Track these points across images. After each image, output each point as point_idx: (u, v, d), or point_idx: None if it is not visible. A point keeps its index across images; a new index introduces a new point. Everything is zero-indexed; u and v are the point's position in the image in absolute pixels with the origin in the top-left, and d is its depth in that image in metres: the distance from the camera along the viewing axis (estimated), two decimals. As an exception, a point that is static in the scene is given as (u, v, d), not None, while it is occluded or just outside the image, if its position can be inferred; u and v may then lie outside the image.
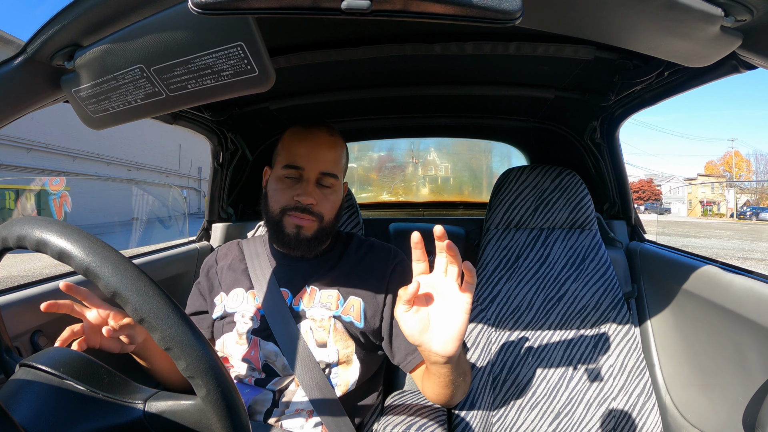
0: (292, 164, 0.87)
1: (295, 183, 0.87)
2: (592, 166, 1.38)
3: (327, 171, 0.88)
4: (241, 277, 0.92)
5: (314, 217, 0.86)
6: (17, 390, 0.43)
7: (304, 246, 0.87)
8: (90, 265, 0.39)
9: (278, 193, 0.87)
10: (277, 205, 0.87)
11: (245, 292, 0.90)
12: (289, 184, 0.87)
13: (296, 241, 0.86)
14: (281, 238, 0.87)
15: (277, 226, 0.87)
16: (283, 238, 0.87)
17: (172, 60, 0.53)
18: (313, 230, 0.86)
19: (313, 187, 0.86)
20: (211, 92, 0.56)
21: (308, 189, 0.86)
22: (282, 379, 0.83)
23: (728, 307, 0.87)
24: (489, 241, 1.19)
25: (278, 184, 0.88)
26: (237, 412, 0.41)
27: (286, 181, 0.88)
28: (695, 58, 0.58)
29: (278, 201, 0.87)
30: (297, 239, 0.86)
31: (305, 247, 0.87)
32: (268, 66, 0.52)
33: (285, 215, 0.86)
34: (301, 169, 0.86)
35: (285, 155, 0.89)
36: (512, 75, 1.13)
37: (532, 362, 1.07)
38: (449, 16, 0.42)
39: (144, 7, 0.51)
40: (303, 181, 0.87)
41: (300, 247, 0.87)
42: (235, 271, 0.93)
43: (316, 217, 0.86)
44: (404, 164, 2.40)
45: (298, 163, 0.86)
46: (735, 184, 37.80)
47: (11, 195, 8.93)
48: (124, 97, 0.59)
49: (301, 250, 0.88)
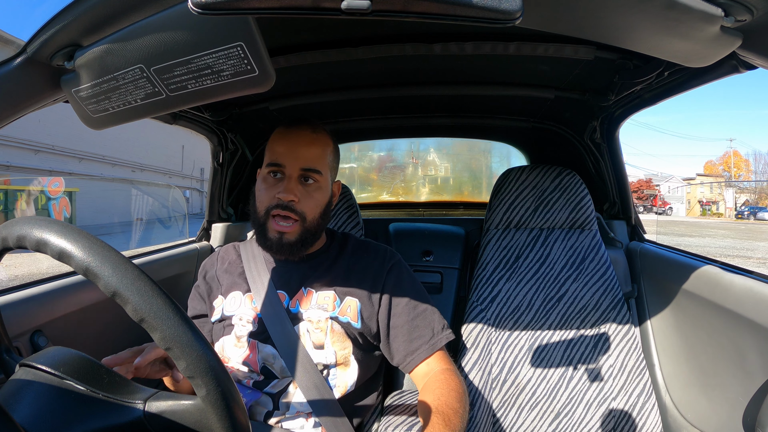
0: (273, 162, 0.86)
1: (277, 182, 0.86)
2: (592, 166, 1.38)
3: (308, 167, 0.86)
4: (239, 280, 0.92)
5: (296, 217, 0.84)
6: (17, 390, 0.43)
7: (287, 250, 0.86)
8: (90, 265, 0.39)
9: (262, 193, 0.86)
10: (262, 206, 0.86)
11: (243, 295, 0.90)
12: (272, 183, 0.86)
13: (278, 245, 0.85)
14: (265, 243, 0.87)
15: (262, 229, 0.86)
16: (266, 242, 0.86)
17: (172, 60, 0.53)
18: (296, 234, 0.85)
19: (294, 183, 0.85)
20: (211, 92, 0.56)
21: (289, 186, 0.84)
22: (280, 381, 0.83)
23: (728, 307, 0.87)
24: (489, 241, 1.19)
25: (262, 184, 0.88)
26: (237, 412, 0.41)
27: (269, 180, 0.87)
28: (695, 58, 0.58)
29: (262, 201, 0.86)
30: (279, 244, 0.85)
31: (288, 252, 0.86)
32: (268, 66, 0.52)
33: (269, 218, 0.85)
34: (282, 167, 0.85)
35: (268, 155, 0.88)
36: (512, 75, 1.13)
37: (532, 362, 1.07)
38: (449, 16, 0.42)
39: (144, 7, 0.51)
40: (285, 179, 0.86)
41: (283, 251, 0.86)
42: (233, 274, 0.93)
43: (298, 216, 0.84)
44: (404, 164, 2.40)
45: (279, 161, 0.86)
46: (733, 184, 37.85)
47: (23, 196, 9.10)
48: (124, 97, 0.59)
49: (285, 254, 0.87)
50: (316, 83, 1.17)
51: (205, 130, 1.29)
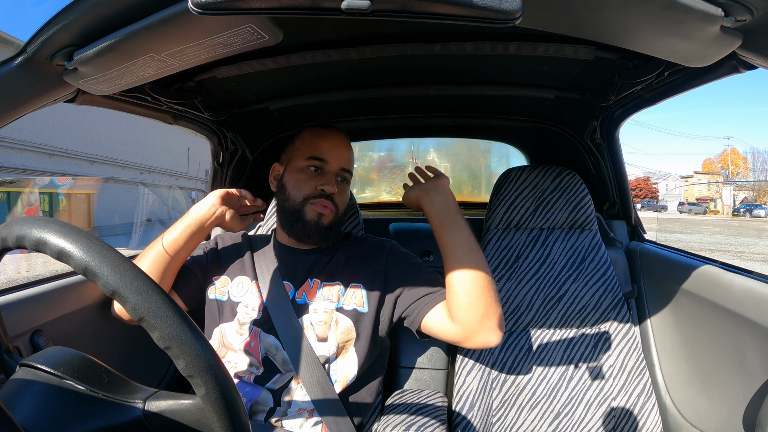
0: (316, 156, 0.91)
1: (317, 175, 0.91)
2: (592, 166, 1.38)
3: (346, 167, 0.94)
4: (248, 266, 0.93)
5: (334, 208, 0.90)
6: (17, 390, 0.43)
7: (321, 233, 0.90)
8: (89, 265, 0.39)
9: (301, 183, 0.90)
10: (300, 194, 0.90)
11: (251, 281, 0.91)
12: (312, 175, 0.91)
13: (315, 228, 0.89)
14: (300, 226, 0.89)
15: (298, 215, 0.89)
16: (302, 225, 0.89)
17: (183, 45, 0.56)
18: (330, 219, 0.90)
19: (333, 178, 0.91)
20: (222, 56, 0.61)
21: (331, 180, 0.90)
22: (282, 376, 0.83)
23: (728, 307, 0.87)
24: (489, 241, 1.19)
25: (300, 174, 0.91)
26: (236, 411, 0.41)
27: (309, 172, 0.91)
28: (695, 58, 0.58)
29: (301, 190, 0.90)
30: (317, 227, 0.89)
31: (322, 235, 0.90)
32: (275, 30, 0.55)
33: (307, 204, 0.89)
34: (324, 162, 0.91)
35: (307, 149, 0.92)
36: (512, 75, 1.13)
37: (532, 362, 1.07)
38: (449, 15, 0.42)
39: (144, 6, 0.51)
40: (325, 173, 0.91)
41: (318, 234, 0.90)
42: (243, 260, 0.95)
43: (334, 206, 0.90)
44: (404, 164, 2.40)
45: (323, 156, 0.91)
46: (731, 181, 37.92)
47: (45, 198, 9.45)
48: (136, 74, 0.62)
49: (318, 237, 0.90)
50: (316, 83, 1.17)
51: (205, 130, 1.29)
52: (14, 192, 8.86)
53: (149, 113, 1.04)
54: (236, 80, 1.04)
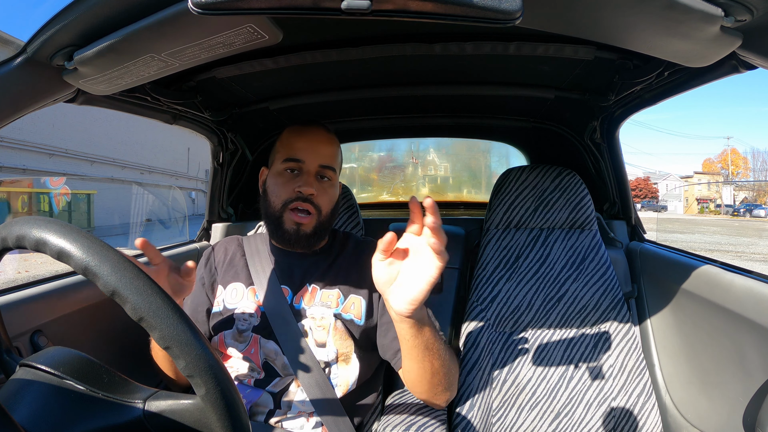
0: (292, 158, 0.88)
1: (295, 176, 0.88)
2: (592, 166, 1.38)
3: (326, 164, 0.89)
4: (241, 272, 0.92)
5: (314, 210, 0.87)
6: (17, 390, 0.43)
7: (303, 242, 0.88)
8: (89, 265, 0.39)
9: (279, 187, 0.88)
10: (279, 199, 0.87)
11: (245, 288, 0.90)
12: (290, 178, 0.88)
13: (296, 237, 0.87)
14: (281, 234, 0.88)
15: (278, 222, 0.88)
16: (282, 234, 0.87)
17: (182, 45, 0.56)
18: (311, 226, 0.87)
19: (313, 178, 0.88)
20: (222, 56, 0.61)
21: (309, 180, 0.87)
22: (282, 379, 0.83)
23: (728, 307, 0.87)
24: (489, 241, 1.19)
25: (278, 178, 0.89)
26: (236, 411, 0.41)
27: (287, 175, 0.89)
28: (695, 58, 0.58)
29: (279, 195, 0.87)
30: (297, 235, 0.87)
31: (304, 243, 0.88)
32: (275, 30, 0.55)
33: (286, 210, 0.87)
34: (301, 162, 0.88)
35: (284, 151, 0.90)
36: (512, 75, 1.13)
37: (532, 362, 1.07)
38: (449, 16, 0.42)
39: (144, 6, 0.51)
40: (303, 174, 0.88)
41: (300, 243, 0.88)
42: (235, 266, 0.93)
43: (315, 209, 0.87)
44: (404, 164, 2.40)
45: (298, 156, 0.88)
46: (731, 181, 37.95)
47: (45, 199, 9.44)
48: (136, 73, 0.62)
49: (301, 246, 0.89)
50: (316, 83, 1.17)
51: (205, 130, 1.29)
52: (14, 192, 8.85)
53: (149, 113, 1.04)
54: (236, 80, 1.04)
